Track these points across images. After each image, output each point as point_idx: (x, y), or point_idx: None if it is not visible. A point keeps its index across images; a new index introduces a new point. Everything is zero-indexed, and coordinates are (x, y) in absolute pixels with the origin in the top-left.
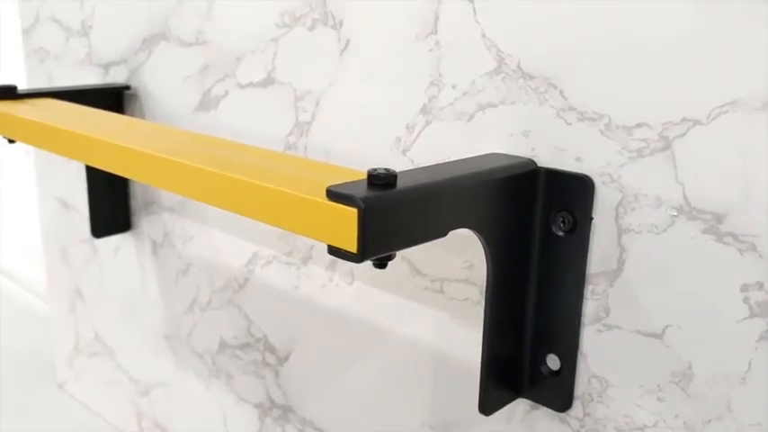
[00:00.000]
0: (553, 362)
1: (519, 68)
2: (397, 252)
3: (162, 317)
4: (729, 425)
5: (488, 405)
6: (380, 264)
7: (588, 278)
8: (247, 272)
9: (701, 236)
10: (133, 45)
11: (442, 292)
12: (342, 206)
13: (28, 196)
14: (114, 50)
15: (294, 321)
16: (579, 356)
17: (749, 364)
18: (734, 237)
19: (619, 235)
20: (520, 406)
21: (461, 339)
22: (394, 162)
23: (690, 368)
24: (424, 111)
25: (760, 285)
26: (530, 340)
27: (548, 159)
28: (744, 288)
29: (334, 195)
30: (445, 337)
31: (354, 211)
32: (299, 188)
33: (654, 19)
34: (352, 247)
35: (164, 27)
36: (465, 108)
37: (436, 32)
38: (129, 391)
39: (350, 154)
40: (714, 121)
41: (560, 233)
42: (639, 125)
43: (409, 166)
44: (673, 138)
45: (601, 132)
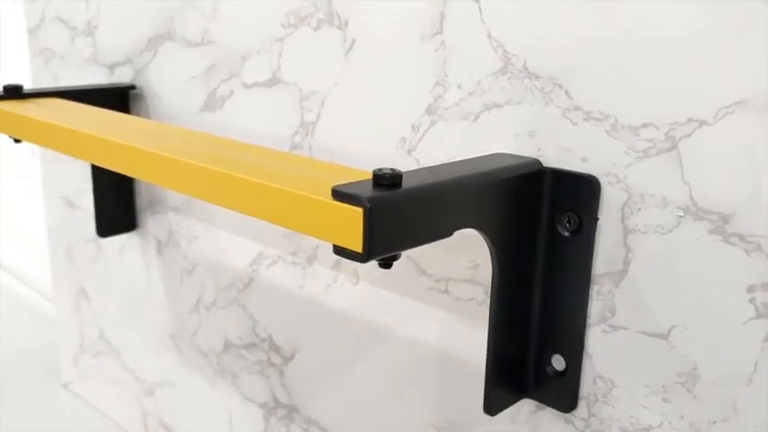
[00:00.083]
0: (558, 362)
1: (525, 68)
2: (403, 252)
3: (167, 316)
4: (735, 426)
5: (493, 405)
6: (386, 264)
7: (594, 278)
8: (252, 272)
9: (708, 236)
10: (138, 45)
11: (447, 292)
12: (347, 206)
13: (33, 195)
14: (120, 50)
15: (299, 321)
16: (584, 357)
17: (755, 365)
18: (740, 237)
19: (625, 235)
20: (525, 406)
21: (466, 339)
22: (399, 162)
23: (696, 369)
24: (430, 111)
25: (766, 286)
26: (535, 340)
27: (553, 159)
28: (750, 289)
29: (339, 195)
30: (450, 338)
31: (360, 211)
32: (305, 188)
33: (660, 19)
34: (357, 247)
35: (169, 27)
36: (470, 108)
37: (442, 32)
38: (135, 391)
39: (355, 154)
40: (720, 122)
41: (566, 233)
42: (646, 125)
43: (414, 166)
44: (679, 138)
45: (607, 132)
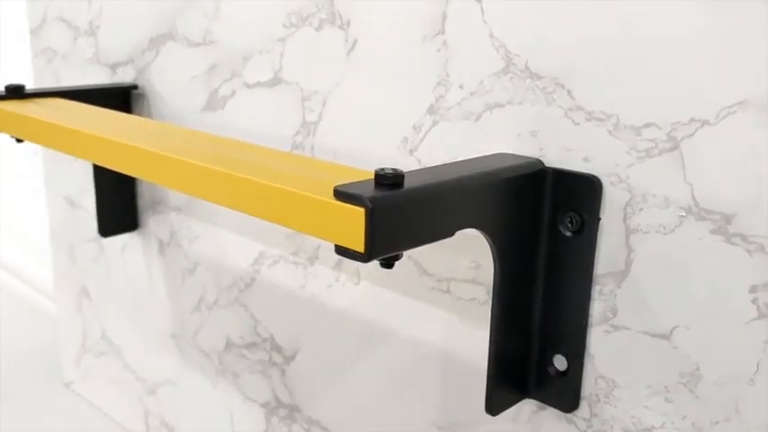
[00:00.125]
0: (560, 362)
1: (527, 68)
2: (404, 252)
3: (169, 316)
4: (737, 426)
5: (495, 405)
6: (387, 263)
7: (596, 278)
8: (254, 271)
9: (710, 236)
10: (140, 45)
11: (449, 293)
12: (349, 206)
13: (35, 195)
14: (121, 50)
15: (301, 321)
16: (586, 357)
17: (757, 366)
18: (742, 237)
19: (627, 235)
20: (526, 406)
21: (468, 339)
22: (401, 162)
23: (698, 369)
24: (432, 111)
25: None
26: (537, 340)
27: (555, 159)
28: (752, 289)
29: (341, 195)
30: (452, 338)
31: (362, 211)
32: (307, 188)
33: (662, 19)
34: (359, 247)
35: (171, 27)
36: (472, 108)
37: (444, 32)
38: (136, 390)
39: (357, 154)
40: (723, 122)
41: (568, 233)
42: (648, 125)
43: (416, 166)
44: (681, 138)
45: (609, 132)
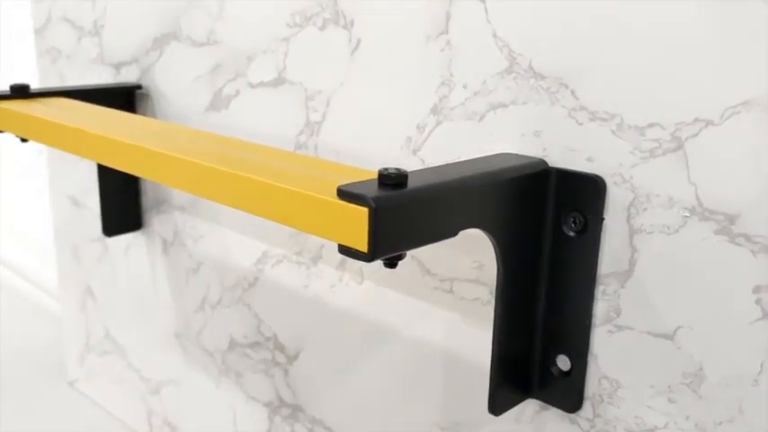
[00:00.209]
0: (563, 362)
1: (530, 68)
2: (408, 252)
3: (172, 315)
4: (741, 427)
5: (498, 405)
6: (391, 263)
7: (599, 279)
8: (257, 271)
9: (714, 237)
10: (144, 45)
11: (452, 292)
12: (353, 205)
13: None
14: (126, 50)
15: (304, 320)
16: (590, 357)
17: (761, 366)
18: (746, 238)
19: (630, 235)
20: (529, 406)
21: (471, 339)
22: (404, 162)
23: (701, 369)
24: (435, 111)
25: None
26: (540, 341)
27: (559, 159)
28: (756, 290)
29: (344, 195)
30: (455, 337)
31: (365, 211)
32: (310, 187)
33: (666, 19)
34: (362, 247)
35: (175, 27)
36: (476, 108)
37: (447, 32)
38: (140, 389)
39: (360, 154)
40: (727, 122)
41: (571, 233)
42: (652, 125)
43: (420, 166)
44: (685, 138)
45: (612, 132)
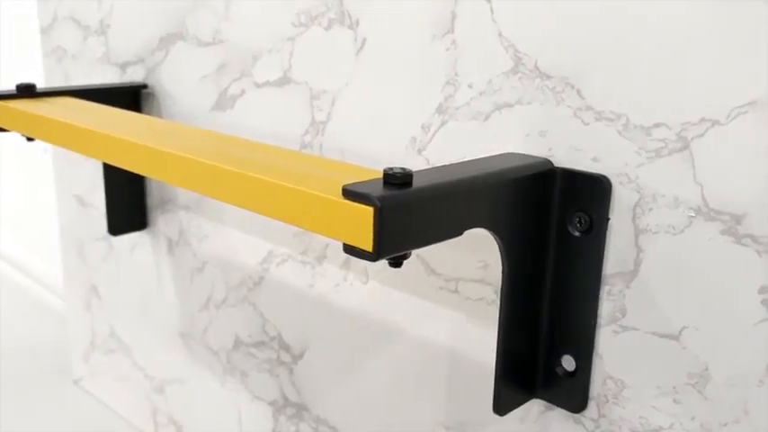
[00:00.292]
0: (568, 363)
1: (536, 68)
2: (413, 251)
3: (177, 314)
4: (746, 427)
5: (503, 405)
6: (396, 263)
7: (604, 279)
8: (262, 270)
9: (720, 237)
10: (150, 44)
11: (457, 292)
12: (358, 205)
13: (46, 194)
14: (131, 50)
15: (308, 320)
16: (595, 357)
17: (767, 367)
18: (752, 238)
19: (636, 235)
20: (534, 406)
21: (476, 339)
22: (409, 161)
23: (706, 370)
24: (440, 110)
25: None
26: (545, 341)
27: (564, 159)
28: (762, 290)
29: (350, 194)
30: (460, 337)
31: (370, 210)
32: (315, 187)
33: (672, 19)
34: (367, 246)
35: (181, 26)
36: (481, 108)
37: (453, 32)
38: (145, 388)
39: (365, 153)
40: (733, 122)
41: (576, 233)
42: (657, 125)
43: (425, 166)
44: (691, 138)
45: (618, 132)
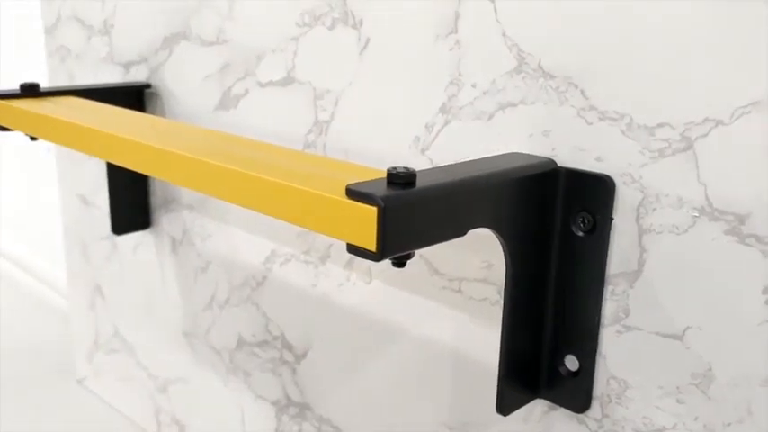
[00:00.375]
0: (572, 362)
1: (540, 68)
2: (416, 251)
3: (181, 314)
4: (750, 428)
5: (506, 405)
6: (399, 262)
7: (608, 279)
8: (266, 270)
9: (723, 237)
10: (154, 44)
11: (460, 292)
12: (361, 204)
13: (49, 193)
14: (135, 49)
15: (312, 319)
16: (598, 357)
17: None
18: (756, 238)
19: (639, 235)
20: (538, 406)
21: (479, 339)
22: (413, 161)
23: (710, 370)
24: (444, 110)
25: None
26: (548, 341)
27: (568, 159)
28: (766, 290)
29: (353, 194)
30: (463, 337)
31: (374, 210)
32: (319, 186)
33: (676, 19)
34: (371, 246)
35: (184, 26)
36: (485, 107)
37: (456, 32)
38: (148, 387)
39: (369, 153)
40: (737, 122)
41: (580, 233)
42: (661, 125)
43: (428, 166)
44: (695, 138)
45: (622, 132)
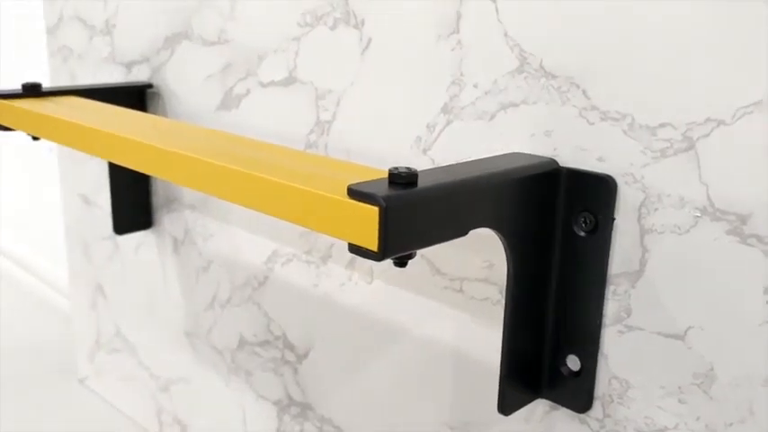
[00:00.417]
0: (573, 362)
1: (541, 68)
2: (417, 251)
3: (182, 314)
4: (752, 428)
5: (508, 405)
6: (401, 262)
7: (610, 279)
8: (267, 270)
9: (725, 237)
10: (156, 44)
11: (462, 292)
12: (363, 204)
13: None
14: (137, 49)
15: (313, 319)
16: (600, 357)
17: None
18: (758, 238)
19: (641, 235)
20: (539, 406)
21: (481, 339)
22: (414, 161)
23: (712, 370)
24: (446, 110)
25: None
26: (550, 340)
27: (569, 159)
28: (767, 290)
29: (355, 194)
30: (464, 337)
31: (375, 210)
32: (321, 186)
33: (678, 19)
34: (372, 246)
35: (186, 26)
36: (486, 107)
37: (458, 32)
38: (150, 387)
39: (370, 153)
40: (738, 122)
41: (582, 233)
42: (663, 125)
43: (430, 166)
44: (696, 138)
45: (624, 132)
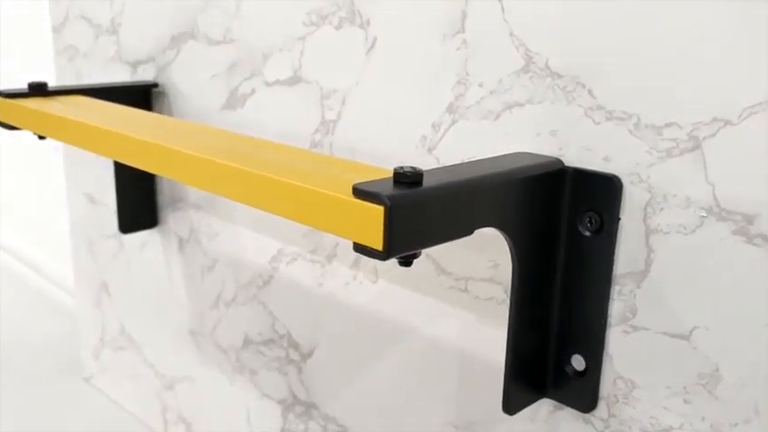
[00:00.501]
0: (578, 362)
1: (547, 67)
2: (422, 250)
3: (187, 312)
4: (757, 428)
5: (512, 405)
6: (406, 262)
7: (615, 278)
8: (272, 269)
9: (731, 237)
10: (161, 43)
11: (467, 291)
12: (368, 204)
13: (56, 191)
14: (143, 48)
15: (318, 319)
16: (605, 357)
17: None
18: (764, 238)
19: (647, 235)
20: (544, 406)
21: (486, 339)
22: (419, 160)
23: (717, 370)
24: (451, 109)
25: None
26: (555, 340)
27: (575, 159)
28: None
29: (360, 193)
30: (469, 337)
31: (381, 209)
32: (326, 186)
33: (684, 18)
34: (377, 245)
35: (192, 25)
36: (492, 107)
37: (464, 31)
38: (154, 385)
39: (375, 152)
40: (745, 122)
41: (587, 233)
42: (669, 125)
43: (435, 165)
44: (703, 138)
45: (629, 132)
